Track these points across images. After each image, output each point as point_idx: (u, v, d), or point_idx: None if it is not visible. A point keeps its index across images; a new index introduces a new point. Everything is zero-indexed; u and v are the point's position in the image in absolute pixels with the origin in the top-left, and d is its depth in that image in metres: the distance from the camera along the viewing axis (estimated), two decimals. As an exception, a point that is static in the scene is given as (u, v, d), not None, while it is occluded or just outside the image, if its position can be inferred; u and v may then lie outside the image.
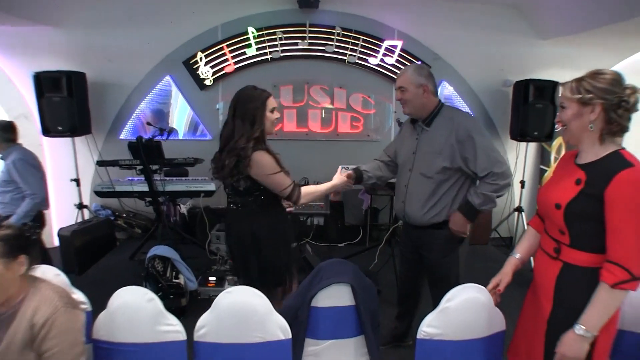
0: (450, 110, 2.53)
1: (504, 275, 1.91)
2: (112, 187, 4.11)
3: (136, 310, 1.83)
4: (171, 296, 3.28)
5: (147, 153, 3.74)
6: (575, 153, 1.69)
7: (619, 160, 1.49)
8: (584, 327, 1.48)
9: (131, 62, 4.90)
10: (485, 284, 1.93)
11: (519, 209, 5.41)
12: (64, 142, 4.71)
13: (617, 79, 1.50)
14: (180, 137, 5.21)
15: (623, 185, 1.43)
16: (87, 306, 1.95)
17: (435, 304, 2.68)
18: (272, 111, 2.28)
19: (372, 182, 2.79)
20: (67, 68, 4.43)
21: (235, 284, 3.72)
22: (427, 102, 2.46)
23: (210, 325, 1.85)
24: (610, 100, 1.47)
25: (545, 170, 5.67)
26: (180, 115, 5.21)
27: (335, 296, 1.91)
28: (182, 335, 1.87)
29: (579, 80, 1.54)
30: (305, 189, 2.31)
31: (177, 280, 3.37)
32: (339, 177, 2.55)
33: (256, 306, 1.81)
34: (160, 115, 5.14)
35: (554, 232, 1.67)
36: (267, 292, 1.89)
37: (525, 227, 5.30)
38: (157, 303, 1.83)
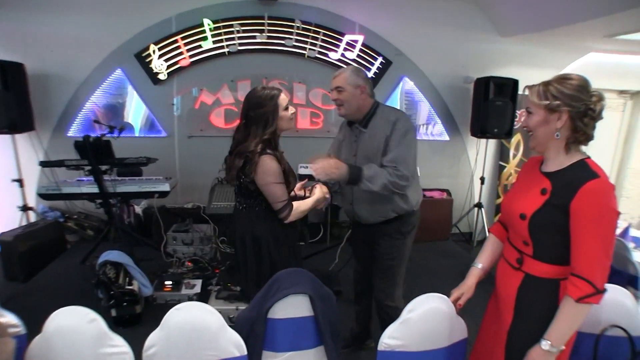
0: (385, 109, 2.50)
1: (467, 289, 1.87)
2: (59, 189, 3.84)
3: (76, 333, 1.66)
4: (125, 304, 3.10)
5: (95, 152, 3.51)
6: (540, 159, 1.66)
7: (585, 171, 1.47)
8: (549, 342, 1.47)
9: (77, 53, 4.58)
10: (446, 280, 1.90)
11: (479, 205, 5.46)
12: (2, 140, 4.37)
13: (584, 85, 1.48)
14: (137, 133, 4.96)
15: (588, 197, 1.41)
16: (19, 329, 1.75)
17: (378, 294, 2.68)
18: (286, 109, 2.20)
19: (337, 188, 2.71)
20: (1, 58, 4.08)
21: (191, 288, 3.62)
22: (363, 104, 2.42)
23: (159, 345, 1.72)
24: (577, 107, 1.45)
25: (504, 167, 5.74)
26: (136, 110, 4.94)
27: (293, 307, 1.83)
28: (129, 357, 1.73)
29: (546, 85, 1.51)
30: (296, 207, 2.23)
31: (130, 287, 3.18)
32: (320, 190, 2.45)
33: (208, 323, 1.71)
34: (115, 110, 4.86)
35: (517, 242, 1.64)
36: None
37: (485, 223, 5.40)
38: (100, 323, 1.68)
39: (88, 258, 4.09)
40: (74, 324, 1.67)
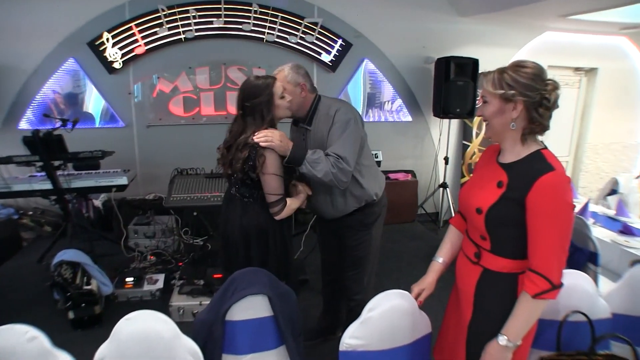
0: (326, 101, 2.42)
1: (427, 286, 1.85)
2: (8, 187, 3.68)
3: (14, 355, 1.51)
4: (83, 305, 3.01)
5: (46, 148, 3.36)
6: (498, 148, 1.64)
7: (541, 163, 1.44)
8: (506, 337, 1.46)
9: (25, 42, 4.36)
10: (414, 263, 1.88)
11: (444, 185, 5.52)
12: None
13: (538, 73, 1.44)
14: (97, 124, 4.80)
15: (544, 190, 1.39)
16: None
17: (346, 286, 2.68)
18: (282, 97, 2.16)
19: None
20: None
21: (154, 283, 3.55)
22: (304, 101, 2.38)
23: (110, 358, 1.61)
24: (532, 97, 1.42)
25: (468, 146, 5.80)
26: (97, 100, 4.78)
27: (251, 308, 1.78)
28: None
29: (501, 73, 1.47)
30: (289, 205, 2.18)
31: (88, 287, 3.08)
32: (304, 188, 2.36)
33: (161, 332, 1.60)
34: (74, 100, 4.69)
35: (475, 236, 1.62)
36: None
37: (450, 203, 5.47)
38: (42, 341, 1.51)
39: (45, 257, 3.95)
40: (11, 344, 1.51)
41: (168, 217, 4.32)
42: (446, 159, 5.50)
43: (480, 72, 4.96)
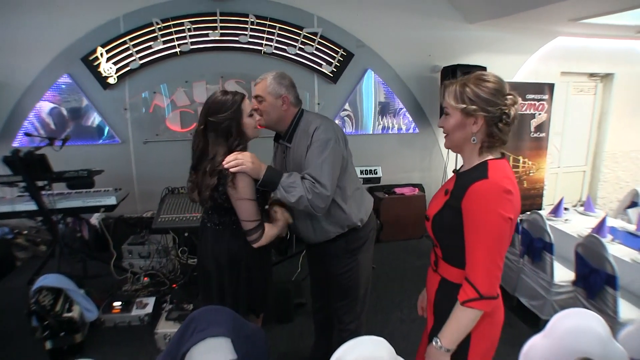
0: (309, 117, 2.21)
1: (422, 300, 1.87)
2: (-9, 208, 3.56)
3: None
4: (62, 333, 2.85)
5: (27, 168, 3.24)
6: None
7: (480, 171, 1.43)
8: (439, 341, 1.47)
9: (18, 57, 4.29)
10: (419, 283, 1.72)
11: (453, 199, 5.27)
12: None
13: (499, 88, 1.42)
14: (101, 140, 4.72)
15: (473, 197, 1.39)
16: None
17: (341, 318, 2.47)
18: (250, 115, 1.98)
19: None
20: None
21: (143, 307, 3.39)
22: (285, 115, 2.18)
23: None
24: (492, 112, 1.41)
25: (478, 157, 5.56)
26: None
27: (212, 351, 1.57)
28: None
29: (463, 86, 1.44)
30: (268, 232, 2.00)
31: (69, 314, 2.92)
32: (282, 214, 2.16)
33: None
34: (77, 115, 4.59)
35: (435, 244, 1.63)
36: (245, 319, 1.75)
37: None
38: None
39: (34, 279, 3.81)
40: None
41: (162, 236, 4.16)
42: (455, 172, 5.27)
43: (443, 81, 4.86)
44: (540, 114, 5.74)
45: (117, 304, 3.40)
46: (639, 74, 6.39)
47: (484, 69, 4.88)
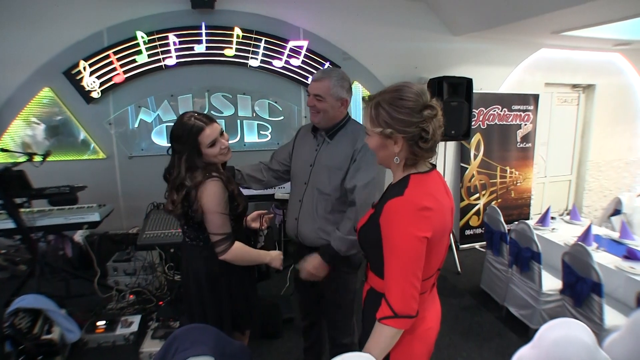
0: (356, 124, 2.28)
1: None
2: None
3: None
4: (40, 357, 2.76)
5: (4, 184, 3.16)
6: None
7: (398, 188, 1.42)
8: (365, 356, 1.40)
9: (-5, 71, 4.22)
10: None
11: (441, 210, 5.27)
12: None
13: (414, 105, 1.37)
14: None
15: (388, 214, 1.38)
16: None
17: (330, 331, 2.44)
18: (211, 145, 1.92)
19: (244, 185, 2.42)
20: None
21: (128, 326, 3.32)
22: (339, 115, 2.22)
23: None
24: (410, 132, 1.37)
25: (466, 168, 5.60)
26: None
27: (196, 370, 1.53)
28: None
29: (377, 107, 1.41)
30: (239, 247, 1.95)
31: (48, 336, 2.84)
32: (278, 253, 2.17)
33: None
34: (58, 130, 4.50)
35: (364, 255, 1.64)
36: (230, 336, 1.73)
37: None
38: None
39: (11, 301, 3.71)
40: None
41: (148, 253, 4.10)
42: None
43: (474, 91, 4.90)
44: (526, 124, 5.81)
45: (100, 323, 3.33)
46: (619, 85, 6.54)
47: (470, 80, 4.92)
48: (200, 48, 4.55)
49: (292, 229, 2.39)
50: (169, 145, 1.95)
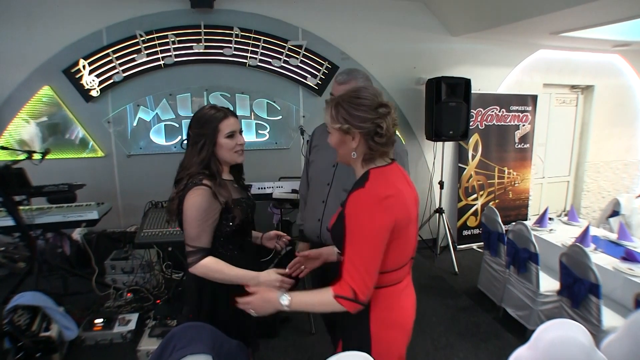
0: None
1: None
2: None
3: None
4: (38, 354, 2.76)
5: (3, 182, 3.16)
6: None
7: (360, 181, 1.53)
8: (287, 298, 1.49)
9: (-4, 69, 4.22)
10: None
11: (440, 210, 5.29)
12: None
13: (372, 104, 1.49)
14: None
15: (350, 205, 1.46)
16: None
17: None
18: (229, 136, 1.85)
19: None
20: None
21: (126, 324, 3.32)
22: None
23: None
24: (366, 128, 1.48)
25: (464, 169, 5.60)
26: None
27: (193, 369, 1.53)
28: None
29: (337, 105, 1.53)
30: (213, 263, 1.78)
31: (47, 333, 2.84)
32: (270, 273, 1.85)
33: None
34: (57, 128, 4.50)
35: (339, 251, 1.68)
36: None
37: (447, 228, 5.25)
38: None
39: (10, 298, 3.71)
40: None
41: (146, 251, 4.10)
42: (441, 184, 5.30)
43: (472, 92, 4.90)
44: (524, 125, 5.81)
45: (98, 321, 3.33)
46: (617, 86, 6.53)
47: (468, 81, 4.94)
48: (199, 47, 4.55)
49: (313, 230, 2.36)
50: (186, 136, 1.91)
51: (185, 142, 1.91)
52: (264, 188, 4.18)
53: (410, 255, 1.62)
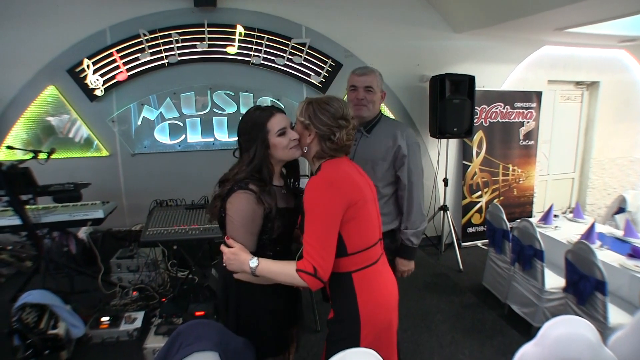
0: (389, 119, 2.52)
1: None
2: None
3: None
4: (47, 352, 2.78)
5: (10, 182, 3.18)
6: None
7: (315, 172, 1.72)
8: (256, 263, 1.58)
9: (2, 70, 4.25)
10: (408, 295, 1.77)
11: (444, 208, 5.28)
12: None
13: (335, 113, 1.67)
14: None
15: (306, 191, 1.62)
16: None
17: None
18: (281, 134, 1.73)
19: None
20: None
21: (132, 322, 3.33)
22: (378, 108, 2.44)
23: None
24: (322, 131, 1.68)
25: (469, 166, 5.58)
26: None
27: (199, 366, 1.53)
28: None
29: (309, 104, 1.71)
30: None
31: (54, 331, 2.86)
32: None
33: None
34: (62, 127, 4.53)
35: None
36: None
37: (452, 226, 5.24)
38: None
39: (17, 296, 3.72)
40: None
41: (151, 250, 4.12)
42: (445, 181, 5.28)
43: (476, 89, 4.88)
44: (528, 122, 5.79)
45: (105, 319, 3.35)
46: (623, 82, 6.48)
47: (473, 78, 4.92)
48: (202, 46, 4.56)
49: None
50: (237, 145, 1.83)
51: (238, 150, 1.83)
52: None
53: (378, 236, 1.77)
